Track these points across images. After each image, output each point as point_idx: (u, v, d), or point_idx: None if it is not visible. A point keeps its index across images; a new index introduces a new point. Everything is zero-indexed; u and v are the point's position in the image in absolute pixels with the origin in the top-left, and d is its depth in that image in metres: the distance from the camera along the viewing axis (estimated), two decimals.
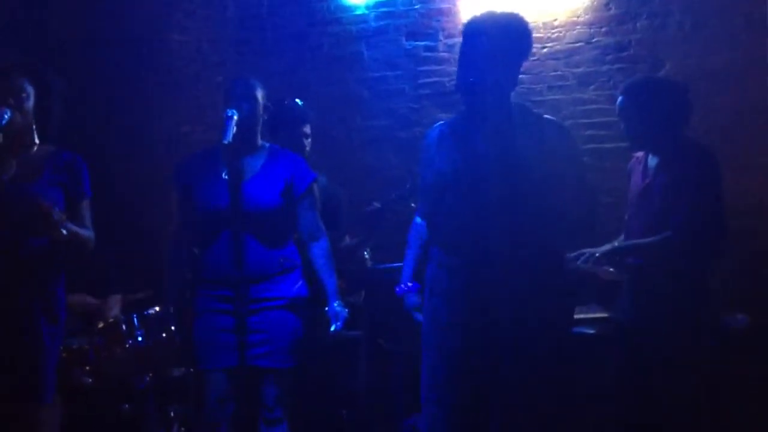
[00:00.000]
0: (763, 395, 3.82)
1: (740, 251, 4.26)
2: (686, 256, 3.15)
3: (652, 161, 3.34)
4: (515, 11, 2.76)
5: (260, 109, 3.17)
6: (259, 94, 3.16)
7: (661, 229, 3.20)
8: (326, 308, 3.15)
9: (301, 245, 3.23)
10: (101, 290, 4.15)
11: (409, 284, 3.01)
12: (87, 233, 2.90)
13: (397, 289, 3.01)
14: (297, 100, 4.08)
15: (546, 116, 2.80)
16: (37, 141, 2.90)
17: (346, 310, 3.14)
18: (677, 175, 3.20)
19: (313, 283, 3.25)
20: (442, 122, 2.90)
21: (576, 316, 3.59)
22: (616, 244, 3.37)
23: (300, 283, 3.18)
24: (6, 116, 2.73)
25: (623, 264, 3.31)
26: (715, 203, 3.20)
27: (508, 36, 2.65)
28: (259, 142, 3.22)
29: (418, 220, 3.00)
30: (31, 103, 2.83)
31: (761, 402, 3.80)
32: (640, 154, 3.45)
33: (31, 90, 2.83)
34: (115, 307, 4.12)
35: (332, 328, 3.11)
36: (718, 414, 3.49)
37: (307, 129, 4.01)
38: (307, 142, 4.00)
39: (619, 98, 3.41)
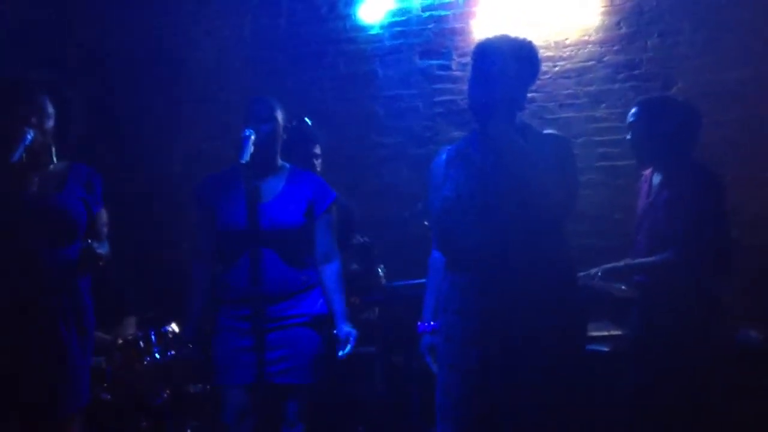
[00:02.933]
0: None
1: (753, 266, 4.27)
2: (690, 274, 3.17)
3: (656, 179, 3.37)
4: (525, 31, 2.80)
5: (280, 129, 3.21)
6: (279, 115, 3.20)
7: (663, 246, 3.22)
8: (335, 331, 3.14)
9: (315, 265, 3.24)
10: (117, 311, 4.19)
11: (431, 323, 2.94)
12: (106, 250, 2.97)
13: (419, 326, 2.98)
14: (306, 120, 4.12)
15: (546, 131, 2.83)
16: (54, 159, 2.95)
17: (355, 331, 3.12)
18: (679, 194, 3.23)
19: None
20: (448, 147, 2.93)
21: (590, 334, 3.62)
22: (622, 263, 3.40)
23: (321, 300, 3.20)
24: (29, 137, 2.77)
25: (631, 281, 3.34)
26: (716, 222, 3.22)
27: (516, 60, 2.69)
28: (279, 162, 3.26)
29: (436, 254, 2.97)
30: (51, 123, 2.87)
31: None
32: (647, 171, 3.48)
33: (51, 110, 2.87)
34: (129, 328, 4.15)
35: (345, 351, 3.08)
36: (733, 429, 3.49)
37: (317, 149, 4.04)
38: (317, 162, 4.02)
39: (633, 110, 3.45)
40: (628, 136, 3.47)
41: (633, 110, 3.45)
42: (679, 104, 3.52)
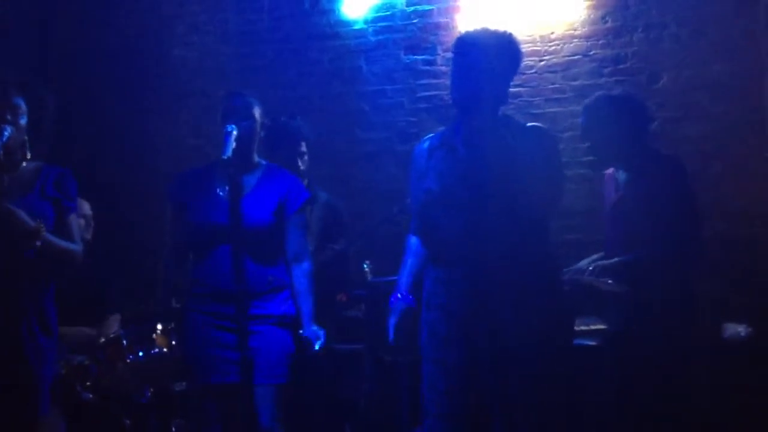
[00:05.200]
0: (764, 403, 3.83)
1: (740, 260, 4.28)
2: (670, 268, 3.16)
3: (622, 176, 3.36)
4: (510, 25, 2.78)
5: (258, 126, 3.18)
6: (257, 112, 3.17)
7: (640, 241, 3.21)
8: (300, 331, 3.08)
9: (286, 266, 3.19)
10: (100, 308, 4.16)
11: (404, 295, 2.85)
12: (71, 246, 2.90)
13: (391, 299, 2.89)
14: (296, 117, 4.09)
15: (529, 124, 2.82)
16: (28, 157, 2.92)
17: (323, 331, 3.08)
18: (648, 187, 3.22)
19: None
20: (431, 135, 2.91)
21: (576, 328, 3.61)
22: (614, 260, 3.39)
23: (288, 302, 3.15)
24: (6, 133, 2.75)
25: (619, 277, 3.32)
26: (688, 212, 3.21)
27: (497, 53, 2.67)
28: (256, 159, 3.24)
29: (413, 239, 2.94)
30: (25, 120, 2.84)
31: (763, 410, 3.81)
32: (610, 170, 3.47)
33: (25, 107, 2.84)
34: (113, 326, 4.13)
35: (315, 348, 3.03)
36: (718, 422, 3.49)
37: (303, 147, 4.00)
38: (303, 160, 3.98)
39: (580, 119, 3.43)
40: (587, 145, 3.45)
41: (581, 118, 3.43)
42: (622, 97, 3.48)
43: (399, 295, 2.86)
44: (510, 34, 2.74)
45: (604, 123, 3.32)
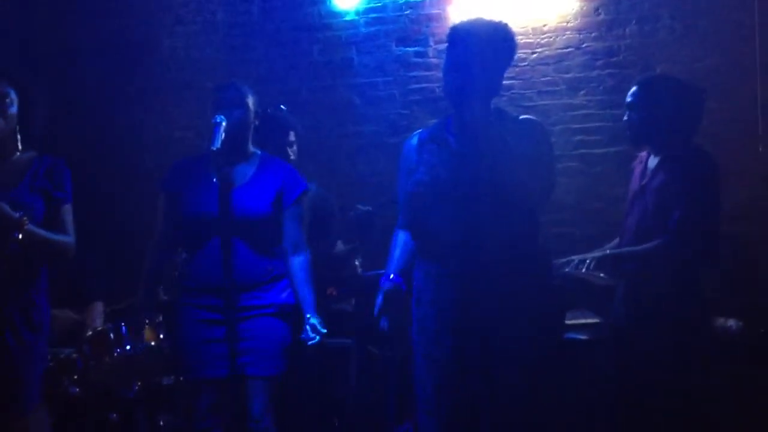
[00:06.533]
0: (755, 400, 3.82)
1: (731, 257, 4.26)
2: (680, 262, 3.13)
3: (652, 162, 3.30)
4: (502, 18, 2.74)
5: (251, 116, 3.15)
6: (250, 101, 3.14)
7: (653, 230, 3.17)
8: (308, 316, 3.02)
9: (284, 256, 3.16)
10: (83, 298, 4.13)
11: (393, 277, 2.82)
12: (61, 238, 2.86)
13: (381, 281, 2.85)
14: (282, 107, 4.07)
15: (522, 116, 2.78)
16: (20, 147, 2.87)
17: (324, 330, 3.00)
18: (674, 178, 3.16)
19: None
20: (420, 130, 2.88)
21: (568, 322, 3.60)
22: (608, 251, 3.35)
23: (288, 291, 3.14)
24: None
25: (618, 269, 3.28)
26: (711, 210, 3.17)
27: (491, 43, 2.63)
28: (251, 149, 3.20)
29: (400, 233, 2.91)
30: (14, 109, 2.80)
31: (754, 407, 3.80)
32: (643, 153, 3.41)
33: (14, 96, 2.80)
34: (97, 317, 4.10)
35: (315, 340, 2.96)
36: (711, 419, 3.48)
37: (291, 137, 3.98)
38: (292, 150, 3.97)
39: (633, 89, 3.36)
40: (625, 117, 3.39)
41: (633, 89, 3.34)
42: (682, 84, 3.39)
43: (389, 276, 2.83)
44: (505, 25, 2.70)
45: (655, 102, 3.25)
